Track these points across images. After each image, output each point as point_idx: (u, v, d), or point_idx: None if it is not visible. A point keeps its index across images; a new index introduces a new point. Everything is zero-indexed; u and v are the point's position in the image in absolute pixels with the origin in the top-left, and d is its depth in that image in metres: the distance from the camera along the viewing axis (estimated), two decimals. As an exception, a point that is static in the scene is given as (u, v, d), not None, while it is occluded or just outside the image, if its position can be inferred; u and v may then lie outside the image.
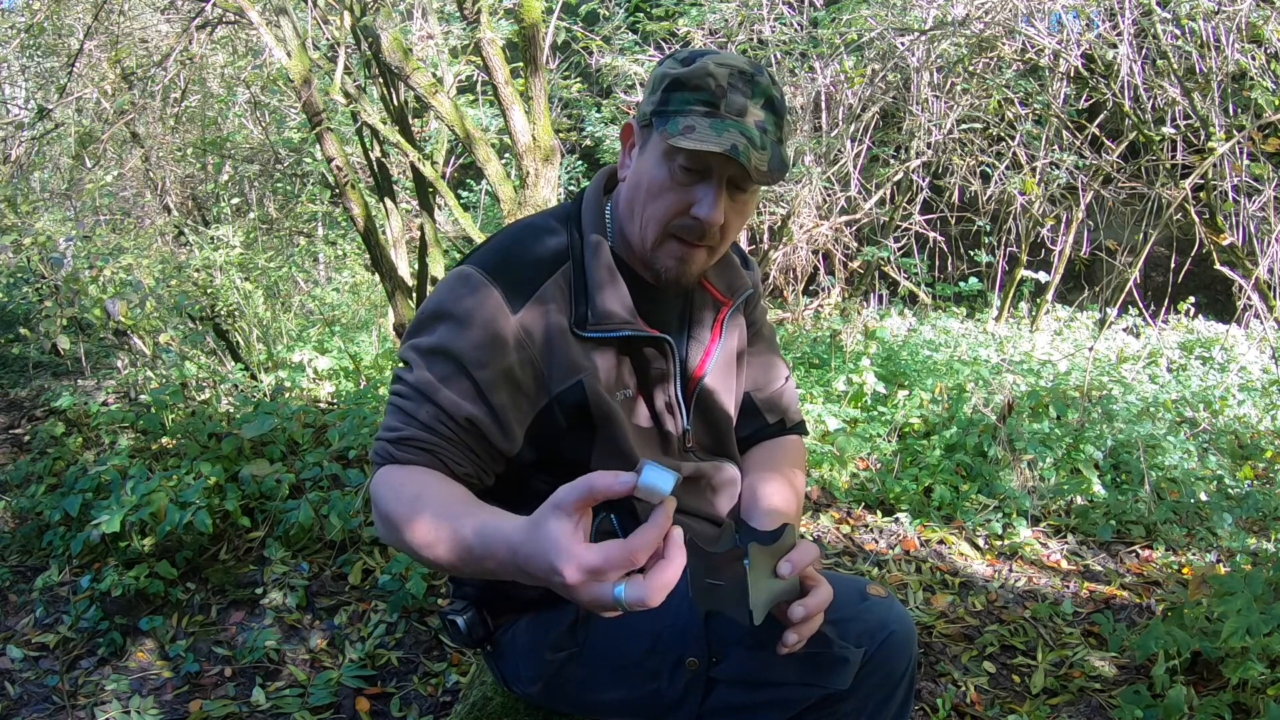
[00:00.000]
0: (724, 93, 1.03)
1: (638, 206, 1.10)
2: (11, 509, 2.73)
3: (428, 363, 1.06)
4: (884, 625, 1.05)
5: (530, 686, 1.29)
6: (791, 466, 1.30)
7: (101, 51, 5.75)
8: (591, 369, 1.10)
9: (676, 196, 1.06)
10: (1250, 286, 4.12)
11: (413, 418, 1.04)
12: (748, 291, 1.26)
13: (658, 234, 1.09)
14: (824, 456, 3.06)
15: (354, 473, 2.64)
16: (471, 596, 1.26)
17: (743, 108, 1.03)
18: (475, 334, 1.05)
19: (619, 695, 1.20)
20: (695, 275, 1.13)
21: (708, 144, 0.99)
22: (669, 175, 1.05)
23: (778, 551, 0.99)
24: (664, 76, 1.07)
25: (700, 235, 1.08)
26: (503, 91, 3.25)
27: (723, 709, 1.11)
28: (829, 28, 5.68)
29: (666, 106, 1.05)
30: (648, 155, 1.09)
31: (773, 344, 1.37)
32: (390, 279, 4.08)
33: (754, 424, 1.33)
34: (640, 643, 1.14)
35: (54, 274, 3.51)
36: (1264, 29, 3.93)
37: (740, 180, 1.06)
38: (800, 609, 0.97)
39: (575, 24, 5.69)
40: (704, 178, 1.05)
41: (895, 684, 1.07)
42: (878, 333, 4.83)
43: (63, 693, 1.97)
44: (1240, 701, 1.84)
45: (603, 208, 1.17)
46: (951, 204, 6.09)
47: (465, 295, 1.07)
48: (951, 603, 2.43)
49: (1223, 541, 2.78)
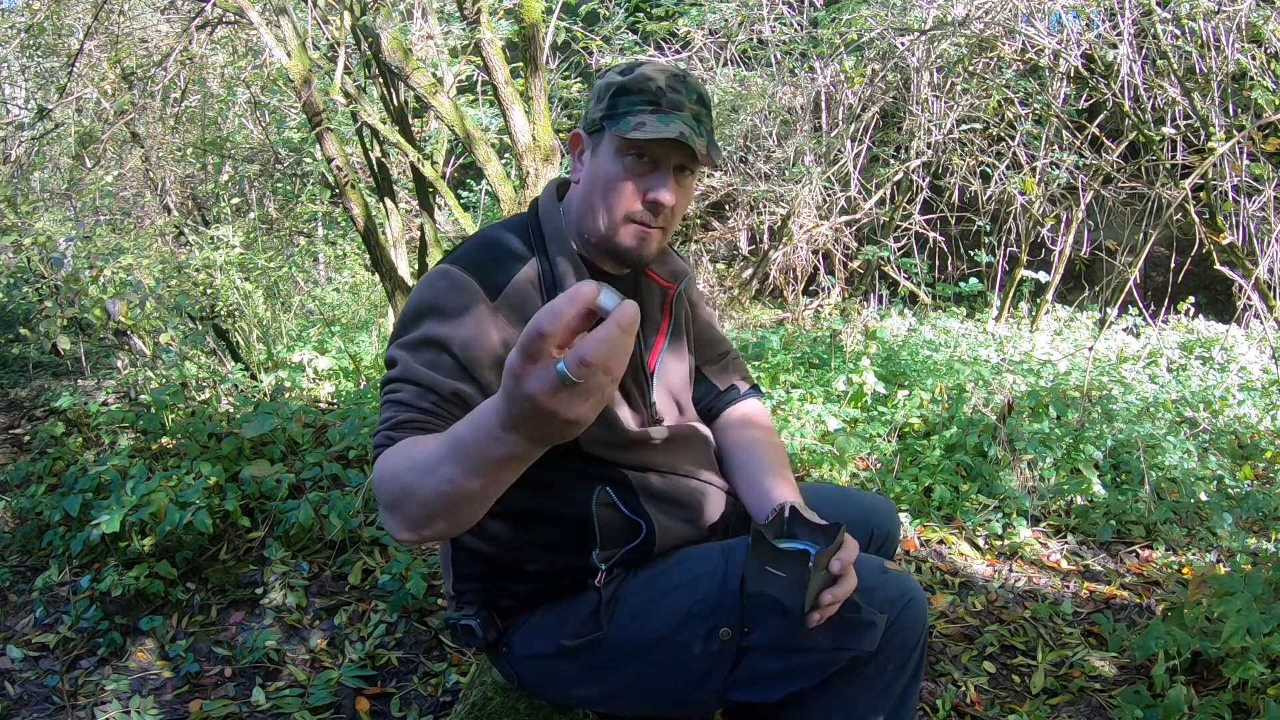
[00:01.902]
0: (664, 93, 1.19)
1: (597, 201, 1.22)
2: (11, 509, 2.73)
3: (414, 354, 1.13)
4: (904, 594, 1.16)
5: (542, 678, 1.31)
6: (770, 440, 1.41)
7: (101, 51, 5.75)
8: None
9: (632, 185, 1.20)
10: (1250, 286, 4.12)
11: (405, 405, 1.10)
12: (686, 276, 1.41)
13: (619, 220, 1.21)
14: (824, 456, 3.06)
15: (354, 473, 2.64)
16: (479, 600, 1.31)
17: (680, 103, 1.19)
18: (459, 321, 1.14)
19: (641, 677, 1.23)
20: (653, 253, 1.26)
21: (660, 133, 1.14)
22: (623, 168, 1.19)
23: (834, 552, 1.10)
24: (609, 85, 1.22)
25: (656, 215, 1.21)
26: (503, 91, 3.25)
27: (755, 676, 1.18)
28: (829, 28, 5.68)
29: (615, 110, 1.19)
30: (601, 155, 1.22)
31: (712, 321, 1.53)
32: (390, 279, 4.08)
33: (707, 391, 1.47)
34: (671, 618, 1.20)
35: (54, 274, 3.51)
36: (1264, 29, 3.93)
37: (686, 163, 1.21)
38: (829, 596, 1.08)
39: (575, 24, 5.69)
40: (655, 167, 1.20)
41: (912, 649, 1.16)
42: (878, 333, 4.83)
43: (63, 693, 1.97)
44: (1240, 701, 1.84)
45: (558, 210, 1.29)
46: (951, 204, 6.09)
47: (446, 288, 1.16)
48: (951, 603, 2.43)
49: (1223, 541, 2.78)
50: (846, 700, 1.15)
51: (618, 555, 1.24)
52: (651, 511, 1.25)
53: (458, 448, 0.88)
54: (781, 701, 1.17)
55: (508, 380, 0.74)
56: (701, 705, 1.21)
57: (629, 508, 1.24)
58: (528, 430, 0.78)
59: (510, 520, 1.24)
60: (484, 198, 7.78)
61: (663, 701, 1.24)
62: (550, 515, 1.23)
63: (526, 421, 0.76)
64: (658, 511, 1.26)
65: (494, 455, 0.83)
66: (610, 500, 1.24)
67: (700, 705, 1.22)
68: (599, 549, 1.23)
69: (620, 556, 1.24)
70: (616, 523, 1.24)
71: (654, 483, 1.27)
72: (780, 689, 1.16)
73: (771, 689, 1.17)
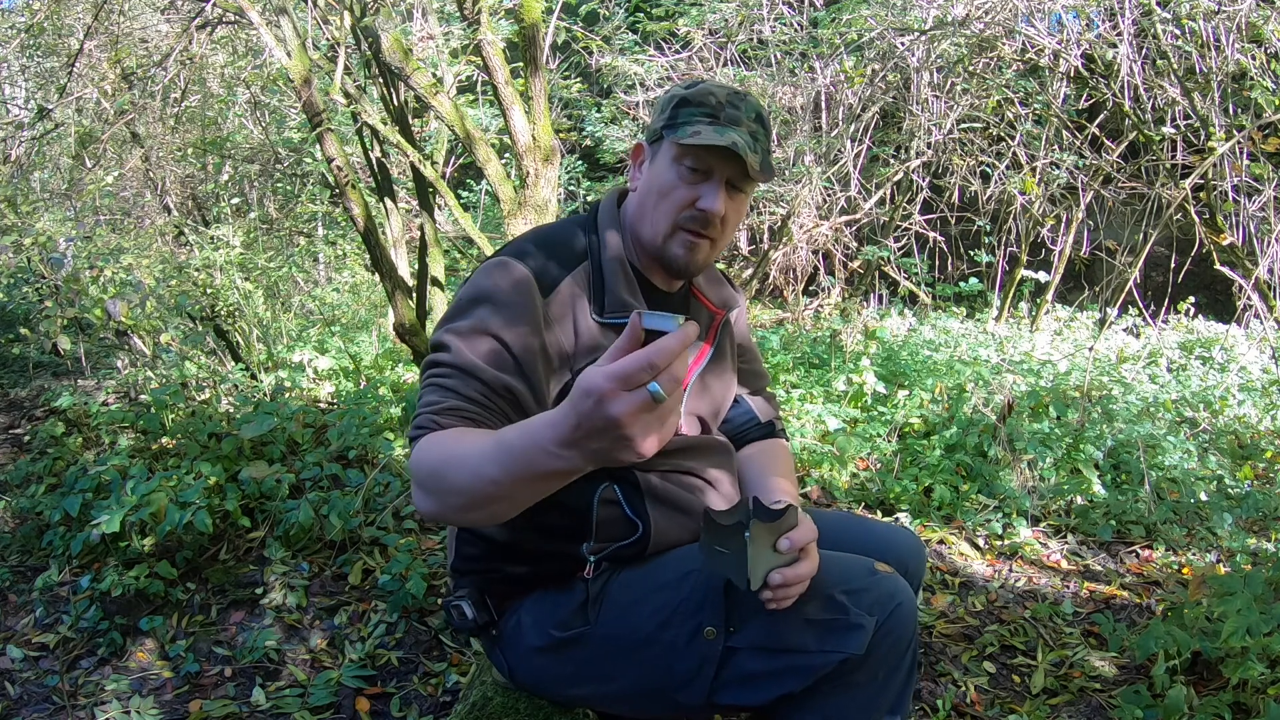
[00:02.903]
0: (722, 107, 1.23)
1: (649, 207, 1.27)
2: (11, 509, 2.73)
3: (467, 342, 1.14)
4: (893, 596, 1.14)
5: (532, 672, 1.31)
6: (788, 468, 1.46)
7: (101, 51, 5.74)
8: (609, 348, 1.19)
9: (684, 193, 1.23)
10: (1250, 286, 4.13)
11: (453, 391, 1.11)
12: (736, 308, 1.46)
13: (668, 227, 1.25)
14: (824, 456, 3.06)
15: (354, 473, 2.64)
16: (475, 584, 1.34)
17: (737, 119, 1.23)
18: (512, 313, 1.16)
19: (628, 676, 1.24)
20: (701, 264, 1.28)
21: (713, 141, 1.18)
22: (677, 176, 1.23)
23: (778, 529, 1.09)
24: (672, 98, 1.26)
25: (705, 225, 1.24)
26: (503, 91, 3.25)
27: (741, 678, 1.17)
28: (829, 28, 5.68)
29: (675, 120, 1.24)
30: (658, 163, 1.26)
31: (755, 352, 1.57)
32: (390, 279, 4.08)
33: (744, 418, 1.49)
34: (655, 616, 1.20)
35: (54, 274, 3.51)
36: (1264, 29, 3.93)
37: (737, 179, 1.24)
38: (779, 576, 1.08)
39: (575, 24, 5.69)
40: (707, 177, 1.23)
41: (903, 652, 1.15)
42: (878, 333, 4.83)
43: (63, 693, 1.97)
44: (1240, 701, 1.84)
45: (617, 217, 1.33)
46: (951, 204, 6.09)
47: (502, 279, 1.19)
48: (951, 603, 2.43)
49: (1223, 541, 2.78)
50: (838, 705, 1.14)
51: (607, 550, 1.25)
52: (653, 514, 1.26)
53: (506, 453, 0.91)
54: (772, 706, 1.17)
55: (583, 402, 0.79)
56: (690, 706, 1.21)
57: (631, 508, 1.25)
58: (591, 450, 0.82)
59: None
60: (484, 198, 7.78)
61: (652, 701, 1.24)
62: (553, 501, 1.24)
63: (594, 440, 0.80)
64: (659, 514, 1.26)
65: (544, 468, 0.87)
66: (615, 498, 1.25)
67: (689, 706, 1.21)
68: (591, 541, 1.25)
69: (610, 552, 1.25)
70: (615, 519, 1.25)
71: (660, 485, 1.28)
72: (769, 692, 1.16)
73: (760, 691, 1.16)
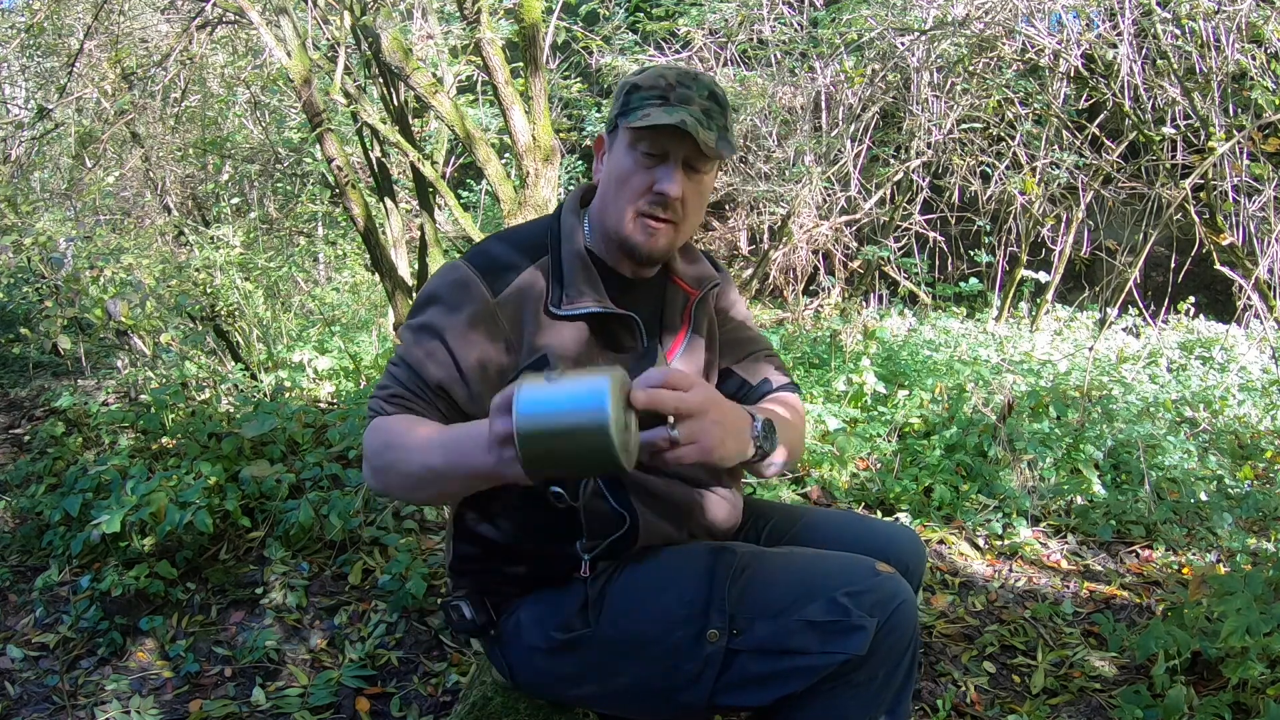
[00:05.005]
0: (673, 88, 1.22)
1: (610, 196, 1.27)
2: (11, 509, 2.73)
3: (416, 339, 1.25)
4: (894, 596, 1.15)
5: (532, 672, 1.31)
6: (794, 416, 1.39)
7: (101, 51, 5.74)
8: (560, 344, 1.26)
9: (641, 178, 1.23)
10: (1250, 286, 4.13)
11: (400, 383, 1.24)
12: (713, 284, 1.42)
13: (630, 214, 1.25)
14: (824, 456, 3.06)
15: (354, 473, 2.64)
16: (473, 584, 1.35)
17: (688, 98, 1.22)
18: (456, 313, 1.24)
19: (630, 678, 1.24)
20: (664, 249, 1.28)
21: (662, 120, 1.18)
22: (634, 162, 1.24)
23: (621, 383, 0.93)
24: (624, 85, 1.27)
25: (664, 208, 1.24)
26: (503, 91, 3.25)
27: (744, 679, 1.17)
28: (829, 28, 5.68)
29: (628, 106, 1.24)
30: (615, 151, 1.27)
31: (747, 322, 1.52)
32: (390, 279, 4.08)
33: (738, 386, 1.45)
34: (658, 619, 1.21)
35: (54, 274, 3.51)
36: (1264, 29, 3.93)
37: (694, 159, 1.23)
38: (642, 395, 0.99)
39: (575, 24, 5.69)
40: (664, 160, 1.23)
41: (903, 651, 1.16)
42: (878, 333, 4.83)
43: (63, 693, 1.97)
44: (1240, 701, 1.84)
45: (579, 211, 1.35)
46: (951, 204, 6.09)
47: (451, 282, 1.26)
48: (951, 603, 2.43)
49: (1223, 541, 2.78)
50: (839, 705, 1.15)
51: (601, 546, 1.25)
52: (637, 505, 1.26)
53: (448, 445, 1.09)
54: (774, 706, 1.17)
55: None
56: (691, 707, 1.21)
57: (616, 500, 1.26)
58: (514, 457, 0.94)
59: (509, 503, 1.28)
60: (484, 198, 7.78)
61: (652, 702, 1.24)
62: (544, 501, 1.25)
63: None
64: (643, 506, 1.27)
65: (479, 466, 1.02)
66: (599, 490, 1.26)
67: (690, 707, 1.21)
68: (584, 538, 1.25)
69: (604, 548, 1.26)
70: (602, 513, 1.25)
71: (643, 478, 1.27)
72: (771, 693, 1.16)
73: (761, 692, 1.17)
